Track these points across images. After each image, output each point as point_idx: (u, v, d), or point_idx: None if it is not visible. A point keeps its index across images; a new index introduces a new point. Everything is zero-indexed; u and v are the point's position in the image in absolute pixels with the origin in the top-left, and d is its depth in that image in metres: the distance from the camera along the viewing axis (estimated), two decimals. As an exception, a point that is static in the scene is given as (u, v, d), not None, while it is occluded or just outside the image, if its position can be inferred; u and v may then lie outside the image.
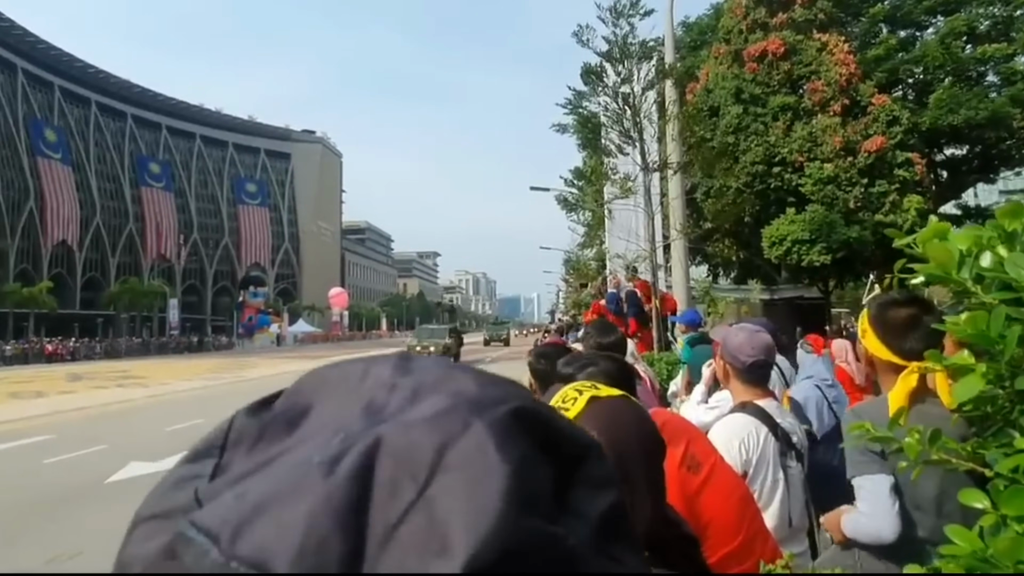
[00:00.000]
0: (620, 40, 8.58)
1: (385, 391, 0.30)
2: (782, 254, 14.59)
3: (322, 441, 0.27)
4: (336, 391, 0.31)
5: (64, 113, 72.42)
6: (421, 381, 0.30)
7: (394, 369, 0.31)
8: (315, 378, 0.33)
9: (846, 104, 16.20)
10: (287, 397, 0.33)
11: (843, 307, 35.62)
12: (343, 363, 0.34)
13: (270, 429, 0.30)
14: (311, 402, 0.31)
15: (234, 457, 0.30)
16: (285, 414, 0.31)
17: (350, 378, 0.32)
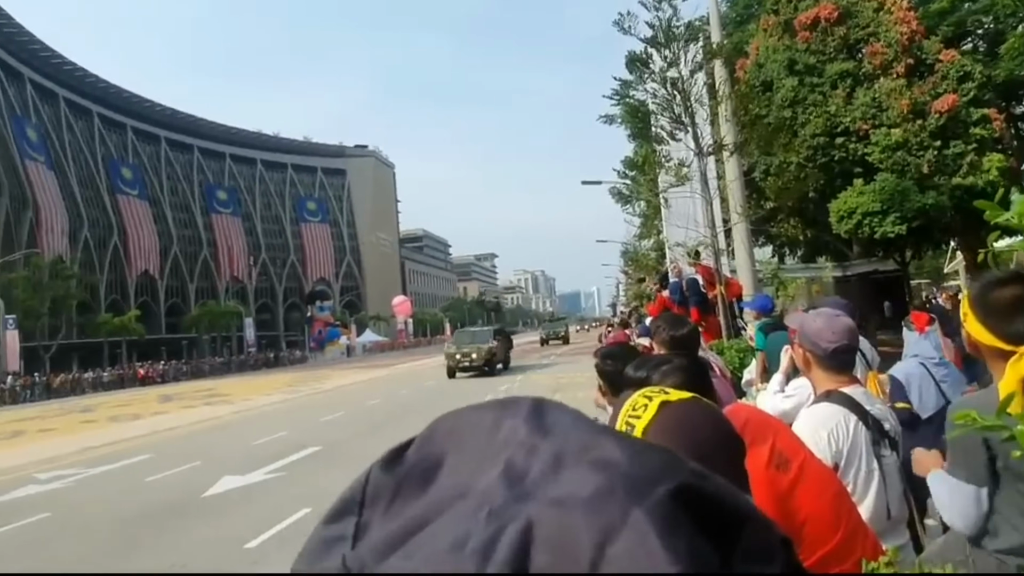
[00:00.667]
0: (664, 24, 8.40)
1: (523, 453, 0.29)
2: (852, 228, 13.89)
3: (465, 515, 0.27)
4: (468, 443, 0.31)
5: (137, 151, 77.09)
6: (562, 446, 0.29)
7: (529, 426, 0.31)
8: (445, 426, 0.33)
9: (910, 64, 15.27)
10: (419, 447, 0.33)
11: (923, 278, 33.64)
12: (472, 411, 0.34)
13: (405, 485, 0.30)
14: (443, 453, 0.31)
15: (373, 516, 0.30)
16: (418, 468, 0.31)
17: (481, 430, 0.32)
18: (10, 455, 12.78)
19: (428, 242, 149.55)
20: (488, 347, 22.12)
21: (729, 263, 10.00)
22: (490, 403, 0.34)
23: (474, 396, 16.14)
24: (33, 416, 22.23)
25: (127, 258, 68.75)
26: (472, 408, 0.35)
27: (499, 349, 23.14)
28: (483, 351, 21.82)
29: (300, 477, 8.45)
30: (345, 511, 0.32)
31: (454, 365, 21.83)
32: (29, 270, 44.37)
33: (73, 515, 7.34)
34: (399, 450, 0.34)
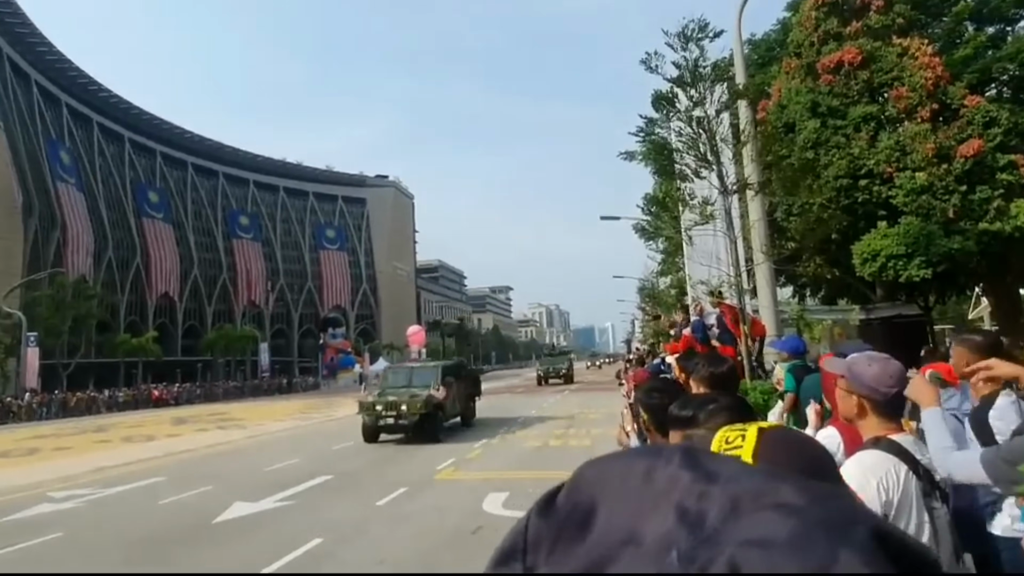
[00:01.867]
0: (691, 64, 8.50)
1: (694, 499, 0.30)
2: (876, 270, 13.74)
3: (647, 559, 0.28)
4: (620, 491, 0.33)
5: (165, 176, 78.99)
6: (736, 491, 0.30)
7: (691, 473, 0.32)
8: (590, 475, 0.35)
9: (935, 109, 15.28)
10: (568, 495, 0.34)
11: (947, 323, 33.06)
12: (616, 459, 0.36)
13: (564, 532, 0.32)
14: (594, 501, 0.33)
15: (537, 561, 0.32)
16: (574, 516, 0.33)
17: (632, 477, 0.33)
18: (26, 472, 12.81)
19: (444, 273, 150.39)
20: (426, 396, 14.00)
21: (751, 303, 9.90)
22: (635, 451, 0.36)
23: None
24: (49, 434, 22.35)
25: (148, 280, 69.83)
26: (615, 457, 0.36)
27: (453, 396, 15.35)
28: (418, 401, 13.83)
29: (311, 506, 8.35)
30: (510, 556, 0.34)
31: (372, 423, 14.11)
32: (53, 289, 45.16)
33: (86, 535, 7.30)
34: (549, 497, 0.35)
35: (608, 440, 11.32)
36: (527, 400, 25.86)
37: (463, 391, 16.56)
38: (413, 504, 8.17)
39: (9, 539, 7.17)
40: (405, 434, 14.09)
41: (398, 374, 16.10)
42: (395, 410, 13.96)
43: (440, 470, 10.59)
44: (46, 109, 63.19)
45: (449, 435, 14.92)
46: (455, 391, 15.59)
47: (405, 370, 16.42)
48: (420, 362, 18.83)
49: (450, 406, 15.29)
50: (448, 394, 14.86)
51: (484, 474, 10.07)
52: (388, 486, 9.14)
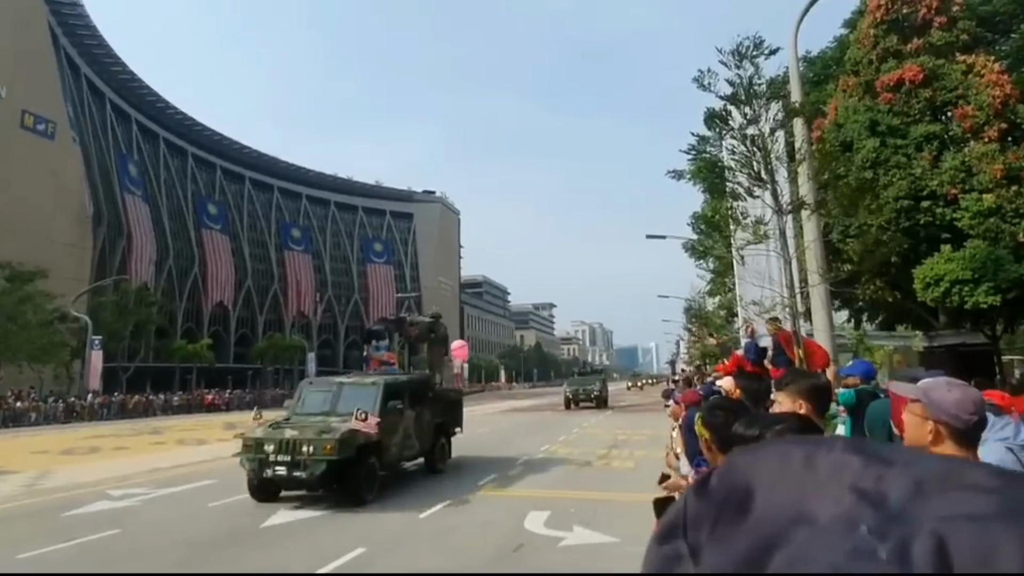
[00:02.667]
0: (745, 82, 8.39)
1: (871, 481, 0.32)
2: (940, 296, 13.12)
3: (832, 535, 0.29)
4: (781, 476, 0.34)
5: (224, 189, 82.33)
6: (919, 473, 0.31)
7: (861, 456, 0.33)
8: (743, 462, 0.37)
9: (1004, 128, 14.60)
10: (723, 479, 0.36)
11: (1015, 354, 31.23)
12: (770, 447, 0.37)
13: (725, 512, 0.34)
14: (751, 485, 0.34)
15: (699, 539, 0.34)
16: (732, 498, 0.34)
17: (791, 463, 0.34)
18: (88, 470, 13.39)
19: (487, 288, 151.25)
20: (344, 432, 8.96)
21: (805, 326, 9.60)
22: (786, 441, 0.37)
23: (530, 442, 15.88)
24: (108, 434, 23.32)
25: (204, 289, 72.60)
26: (767, 445, 0.38)
27: (405, 430, 10.52)
28: (329, 441, 8.78)
29: (355, 515, 8.44)
30: (671, 534, 0.35)
31: (256, 473, 9.11)
32: (117, 295, 47.38)
33: (140, 534, 7.55)
34: (703, 481, 0.37)
35: (653, 462, 11.09)
36: (545, 426, 22.16)
37: (427, 421, 11.14)
38: (455, 518, 8.16)
39: (70, 533, 7.49)
40: (309, 490, 9.20)
41: (316, 394, 10.31)
42: (290, 452, 8.66)
43: (482, 485, 10.57)
44: (117, 124, 66.88)
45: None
46: (411, 422, 10.38)
47: (327, 388, 10.39)
48: (356, 376, 11.90)
49: (398, 445, 10.01)
50: (396, 426, 9.84)
51: (526, 491, 9.99)
52: (431, 499, 9.17)
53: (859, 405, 3.96)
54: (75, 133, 56.40)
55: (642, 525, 6.84)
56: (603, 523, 7.56)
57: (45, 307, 36.09)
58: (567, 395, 33.46)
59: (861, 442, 0.35)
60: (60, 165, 52.29)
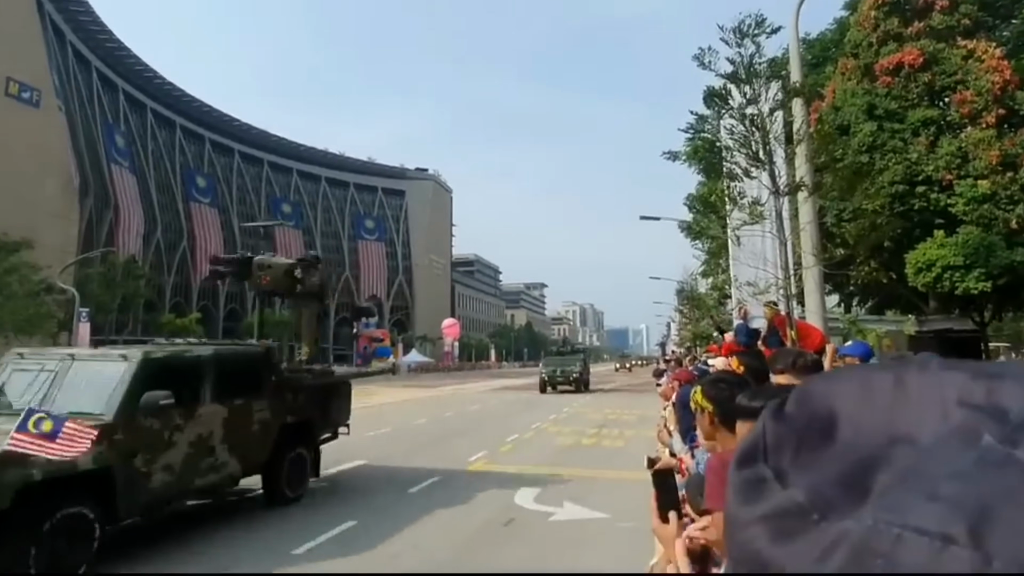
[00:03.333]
0: (746, 60, 8.28)
1: (982, 395, 0.29)
2: (931, 281, 13.21)
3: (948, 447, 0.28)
4: (868, 400, 0.32)
5: (212, 162, 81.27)
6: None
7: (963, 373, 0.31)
8: (823, 388, 0.34)
9: (1001, 114, 14.60)
10: (799, 406, 0.34)
11: (1001, 341, 31.65)
12: (849, 373, 0.35)
13: (808, 437, 0.32)
14: (834, 410, 0.32)
15: (782, 462, 0.32)
16: (814, 422, 0.32)
17: (879, 387, 0.32)
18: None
19: (479, 267, 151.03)
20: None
21: (797, 309, 9.61)
22: (869, 366, 0.35)
23: (517, 422, 15.98)
24: (96, 406, 23.16)
25: (193, 262, 72.01)
26: (843, 372, 0.35)
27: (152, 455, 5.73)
28: None
29: (346, 489, 8.44)
30: (750, 458, 0.33)
31: None
32: (105, 267, 46.88)
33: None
34: (778, 407, 0.35)
35: (643, 441, 11.16)
36: (535, 405, 20.79)
37: (259, 423, 7.17)
38: (445, 493, 8.18)
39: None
40: None
41: (23, 376, 6.03)
42: None
43: (472, 461, 10.60)
44: (104, 94, 65.60)
45: (470, 436, 11.04)
46: (214, 426, 6.45)
47: (44, 368, 5.98)
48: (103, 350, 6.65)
49: (173, 468, 5.94)
50: (164, 437, 5.86)
51: (516, 468, 10.04)
52: (421, 474, 9.18)
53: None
54: (60, 102, 55.29)
55: (631, 501, 6.90)
56: (593, 499, 7.61)
57: (31, 278, 35.64)
58: (542, 376, 28.87)
59: (955, 361, 0.32)
60: (45, 134, 51.33)
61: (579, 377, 28.61)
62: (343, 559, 5.56)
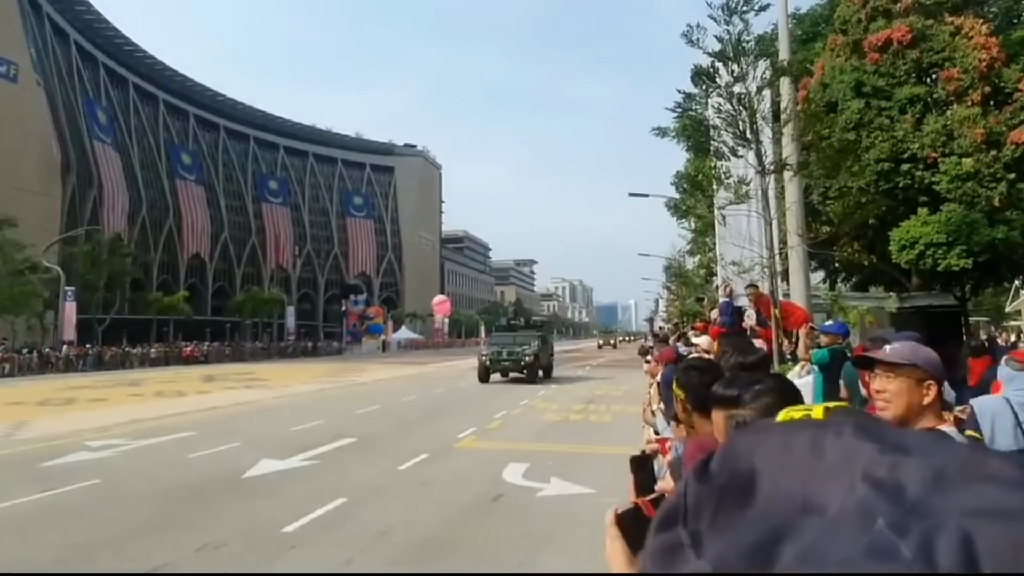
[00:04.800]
0: (734, 38, 8.24)
1: (884, 469, 0.30)
2: (914, 258, 13.35)
3: (843, 528, 0.28)
4: (785, 461, 0.32)
5: (197, 138, 79.91)
6: (939, 463, 0.30)
7: (873, 443, 0.31)
8: (745, 443, 0.35)
9: (987, 92, 14.62)
10: (723, 462, 0.35)
11: (981, 315, 32.18)
12: (772, 429, 0.36)
13: (727, 499, 0.32)
14: (754, 470, 0.33)
15: (700, 527, 0.32)
16: (734, 483, 0.33)
17: (796, 448, 0.33)
18: (64, 421, 13.32)
19: (469, 244, 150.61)
20: None
21: (782, 287, 9.73)
22: (791, 423, 0.36)
23: (508, 400, 16.15)
24: (84, 385, 23.15)
25: (180, 240, 71.23)
26: (769, 427, 0.36)
27: None
28: None
29: (336, 467, 8.55)
30: (671, 521, 0.34)
31: None
32: (90, 245, 46.31)
33: (120, 484, 7.58)
34: (703, 465, 0.35)
35: (629, 417, 11.34)
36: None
37: None
38: (434, 470, 8.31)
39: (49, 484, 7.49)
40: None
41: None
42: None
43: (461, 438, 10.74)
44: (84, 68, 64.06)
45: (465, 408, 13.77)
46: None
47: None
48: None
49: None
50: None
51: (504, 444, 10.19)
52: (410, 451, 9.30)
53: (832, 363, 4.06)
54: (39, 76, 53.97)
55: (618, 477, 7.02)
56: (580, 475, 7.76)
57: (15, 257, 35.17)
58: (482, 360, 21.24)
59: (871, 426, 0.33)
60: (24, 110, 50.19)
61: (533, 361, 20.77)
62: (333, 536, 5.66)
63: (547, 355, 23.06)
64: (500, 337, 23.00)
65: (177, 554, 5.18)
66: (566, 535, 5.65)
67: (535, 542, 5.49)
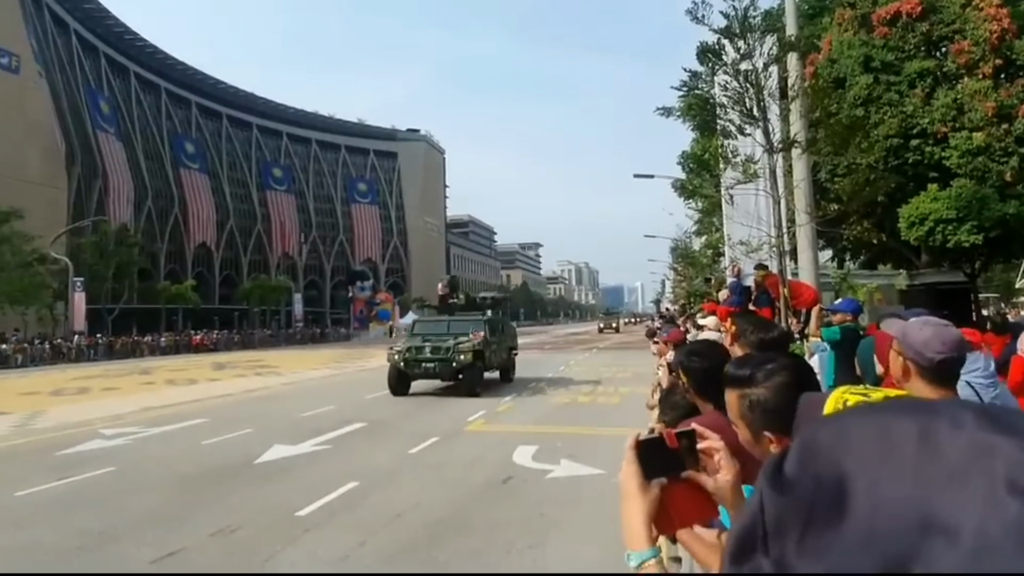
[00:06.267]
0: (740, 14, 8.12)
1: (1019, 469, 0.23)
2: (923, 235, 13.26)
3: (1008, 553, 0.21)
4: (887, 459, 0.25)
5: (200, 127, 79.72)
6: None
7: (1007, 437, 0.24)
8: (830, 436, 0.28)
9: (998, 65, 14.41)
10: (802, 462, 0.28)
11: (991, 292, 31.95)
12: (863, 416, 0.28)
13: (818, 513, 0.25)
14: (844, 471, 0.26)
15: (786, 551, 0.25)
16: (823, 490, 0.26)
17: (900, 441, 0.25)
18: (78, 410, 13.49)
19: (474, 228, 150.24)
20: None
21: (791, 266, 9.68)
22: (889, 407, 0.28)
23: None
24: (97, 375, 23.39)
25: (186, 229, 71.39)
26: (858, 414, 0.29)
27: None
28: None
29: (347, 451, 8.63)
30: (747, 547, 0.27)
31: None
32: (97, 236, 46.49)
33: (136, 471, 7.68)
34: (776, 466, 0.29)
35: (638, 398, 11.36)
36: (531, 364, 20.97)
37: None
38: (444, 453, 8.37)
39: (65, 472, 7.59)
40: None
41: None
42: None
43: (471, 422, 10.80)
44: (85, 59, 63.83)
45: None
46: None
47: None
48: None
49: None
50: None
51: (513, 427, 10.24)
52: (420, 435, 9.37)
53: (843, 341, 4.04)
54: (40, 67, 53.83)
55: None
56: (590, 456, 7.80)
57: (23, 248, 35.37)
58: (393, 360, 14.48)
59: (995, 413, 0.26)
60: (27, 101, 50.12)
61: (471, 361, 14.07)
62: (346, 520, 5.73)
63: (504, 350, 16.41)
64: (427, 324, 16.33)
65: (192, 539, 5.25)
66: (576, 516, 5.70)
67: (546, 523, 5.53)
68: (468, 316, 16.03)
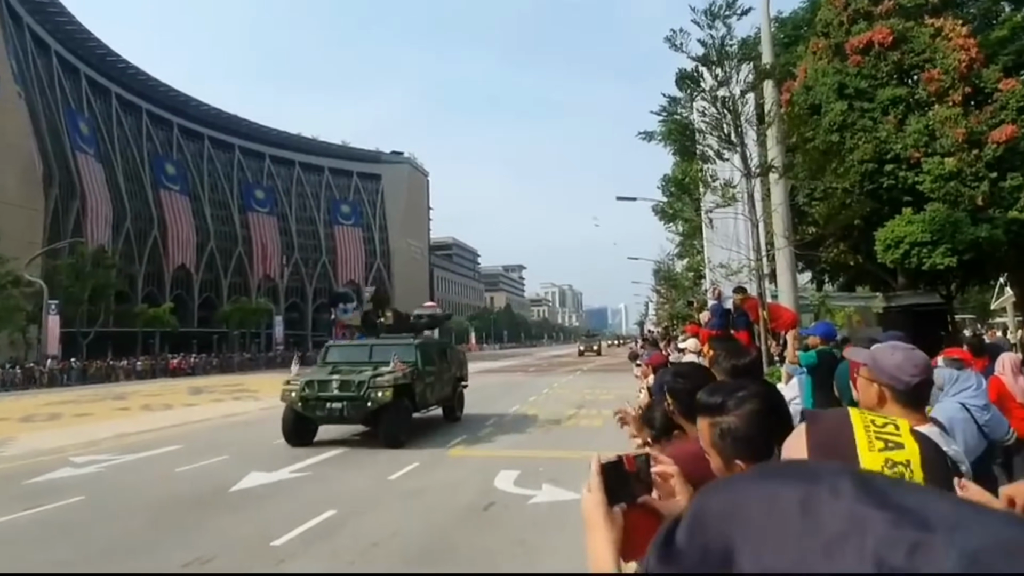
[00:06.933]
0: (717, 43, 8.30)
1: (902, 553, 0.22)
2: (899, 257, 13.50)
3: None
4: (770, 530, 0.25)
5: (181, 148, 79.31)
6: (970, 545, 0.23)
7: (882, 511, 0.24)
8: (718, 505, 0.27)
9: (968, 92, 14.86)
10: (691, 533, 0.27)
11: (967, 313, 32.54)
12: (749, 484, 0.28)
13: None
14: (730, 543, 0.25)
15: None
16: (707, 565, 0.25)
17: (783, 511, 0.25)
18: (48, 437, 13.10)
19: (457, 251, 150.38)
20: None
21: (770, 288, 9.79)
22: (778, 473, 0.27)
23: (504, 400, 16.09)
24: (69, 400, 22.81)
25: (165, 251, 70.53)
26: (744, 482, 0.28)
27: None
28: None
29: (325, 478, 8.45)
30: None
31: None
32: (74, 258, 45.75)
33: (106, 500, 7.45)
34: (666, 538, 0.27)
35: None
36: (514, 387, 20.49)
37: None
38: (425, 479, 8.24)
39: (33, 501, 7.34)
40: None
41: None
42: None
43: (452, 446, 10.67)
44: (65, 79, 63.44)
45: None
46: None
47: None
48: None
49: None
50: None
51: (495, 451, 10.13)
52: (400, 461, 9.23)
53: (820, 365, 4.06)
54: (20, 88, 53.37)
55: (610, 482, 6.99)
56: (572, 481, 7.71)
57: (-4, 271, 34.68)
58: (290, 398, 11.21)
59: (871, 481, 0.25)
60: (5, 121, 49.55)
61: (390, 403, 10.74)
62: (323, 549, 5.58)
63: (445, 382, 13.43)
64: (344, 350, 13.04)
65: (164, 570, 5.08)
66: (559, 542, 5.61)
67: (528, 550, 5.44)
68: (395, 340, 12.86)
